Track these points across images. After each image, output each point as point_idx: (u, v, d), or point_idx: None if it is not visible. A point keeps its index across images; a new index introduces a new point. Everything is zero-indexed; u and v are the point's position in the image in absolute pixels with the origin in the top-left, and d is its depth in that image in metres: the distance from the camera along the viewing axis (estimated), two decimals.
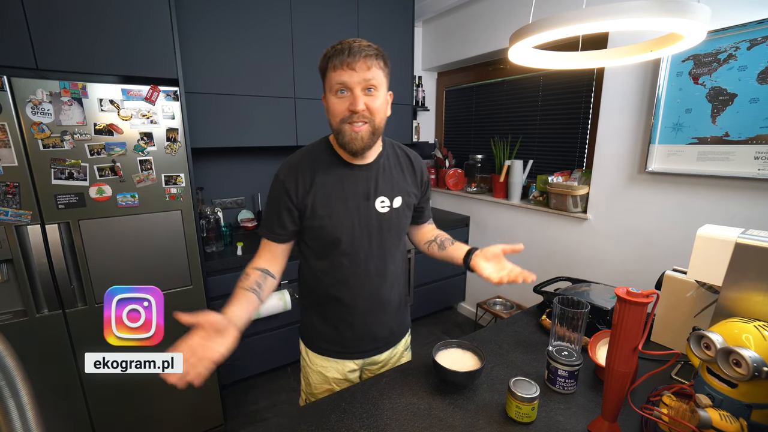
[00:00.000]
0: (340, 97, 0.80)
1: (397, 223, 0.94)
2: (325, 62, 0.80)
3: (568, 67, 0.97)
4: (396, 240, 0.96)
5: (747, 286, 0.70)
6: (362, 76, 0.78)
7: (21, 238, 1.28)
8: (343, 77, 0.78)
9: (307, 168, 0.88)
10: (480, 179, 2.71)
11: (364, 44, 0.79)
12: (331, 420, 0.77)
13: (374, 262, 0.93)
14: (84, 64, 1.35)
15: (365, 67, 0.78)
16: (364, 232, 0.90)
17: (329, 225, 0.87)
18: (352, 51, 0.77)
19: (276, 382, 2.14)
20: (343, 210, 0.88)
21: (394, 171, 0.94)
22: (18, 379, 0.33)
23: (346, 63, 0.77)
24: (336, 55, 0.78)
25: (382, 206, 0.91)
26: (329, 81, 0.81)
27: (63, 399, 1.44)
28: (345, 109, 0.80)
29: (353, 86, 0.78)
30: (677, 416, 0.59)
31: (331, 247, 0.90)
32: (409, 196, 0.96)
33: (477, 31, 2.46)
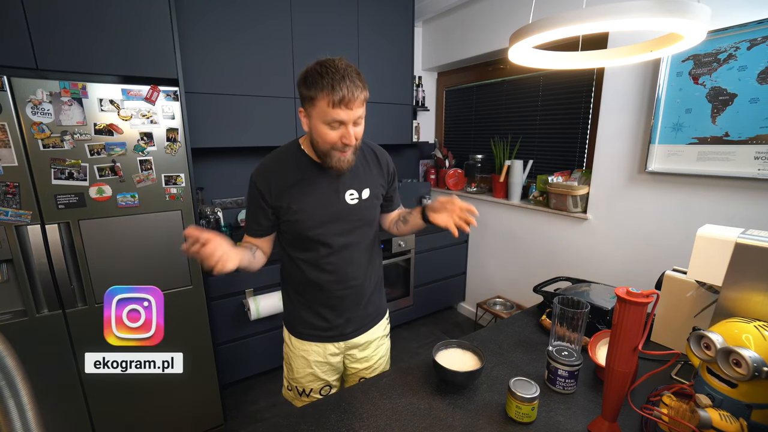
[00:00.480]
0: (334, 128, 0.85)
1: (366, 213, 1.01)
2: (314, 92, 0.82)
3: (568, 67, 0.97)
4: (367, 228, 1.04)
5: (747, 286, 0.70)
6: (357, 113, 0.84)
7: (21, 238, 1.28)
8: (341, 116, 0.82)
9: (280, 170, 0.95)
10: (480, 179, 2.71)
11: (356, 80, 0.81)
12: (331, 420, 0.77)
13: (348, 250, 1.00)
14: (84, 64, 1.35)
15: (359, 105, 0.83)
16: (336, 223, 0.97)
17: (304, 219, 0.94)
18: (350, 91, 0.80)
19: (276, 382, 2.14)
20: (316, 205, 0.95)
21: (361, 167, 1.01)
22: (18, 379, 0.33)
23: (344, 103, 0.81)
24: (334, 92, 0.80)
25: (351, 198, 0.98)
26: (321, 113, 0.83)
27: (63, 399, 1.44)
28: (337, 140, 0.86)
29: (348, 122, 0.84)
30: (677, 416, 0.59)
31: (308, 238, 0.97)
32: (376, 187, 1.03)
33: (477, 31, 2.46)
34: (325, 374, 1.08)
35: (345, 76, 0.80)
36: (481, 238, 2.70)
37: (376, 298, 1.12)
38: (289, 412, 0.80)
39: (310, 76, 0.82)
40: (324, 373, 1.08)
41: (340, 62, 0.83)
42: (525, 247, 2.38)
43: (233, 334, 1.95)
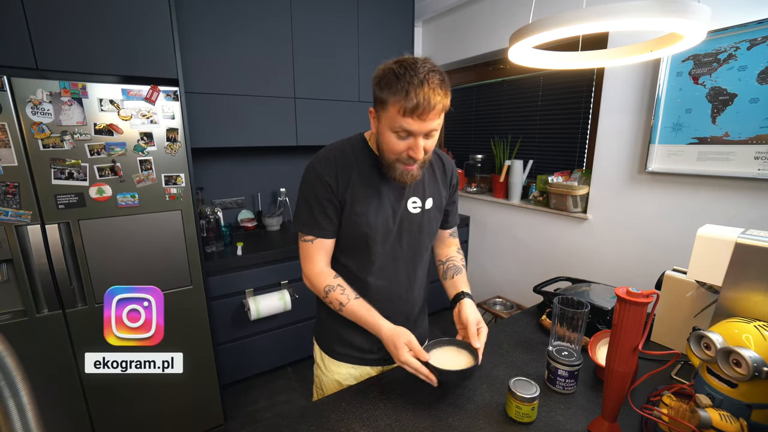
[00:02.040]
0: (401, 137, 0.76)
1: (428, 224, 0.93)
2: (387, 95, 0.73)
3: (568, 67, 0.97)
4: (427, 242, 0.95)
5: (747, 286, 0.70)
6: (430, 125, 0.74)
7: (21, 238, 1.28)
8: (412, 126, 0.73)
9: (345, 163, 0.86)
10: (480, 179, 2.71)
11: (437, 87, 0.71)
12: (331, 420, 0.77)
13: (404, 264, 0.93)
14: (84, 64, 1.35)
15: (436, 116, 0.73)
16: (396, 232, 0.89)
17: (364, 222, 0.85)
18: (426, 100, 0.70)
19: (276, 382, 2.14)
20: (377, 207, 0.86)
21: (427, 174, 0.93)
22: (18, 379, 0.33)
23: (417, 114, 0.71)
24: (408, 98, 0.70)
25: (414, 207, 0.90)
26: (390, 119, 0.74)
27: (63, 399, 1.44)
28: (403, 151, 0.77)
29: (418, 134, 0.74)
30: (677, 416, 0.59)
31: (363, 244, 0.88)
32: (440, 197, 0.95)
33: (477, 31, 2.46)
34: None
35: (424, 82, 0.70)
36: (481, 238, 2.70)
37: (423, 320, 1.04)
38: (289, 412, 0.80)
39: (386, 76, 0.73)
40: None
41: (423, 64, 0.72)
42: (525, 247, 2.38)
43: (233, 334, 1.95)
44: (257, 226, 2.34)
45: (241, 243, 1.98)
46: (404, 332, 0.81)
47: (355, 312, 0.86)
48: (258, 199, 2.42)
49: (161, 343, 0.92)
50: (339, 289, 0.87)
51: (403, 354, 0.78)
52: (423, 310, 1.04)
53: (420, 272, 0.97)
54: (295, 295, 2.01)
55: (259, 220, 2.36)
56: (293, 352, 2.18)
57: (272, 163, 2.43)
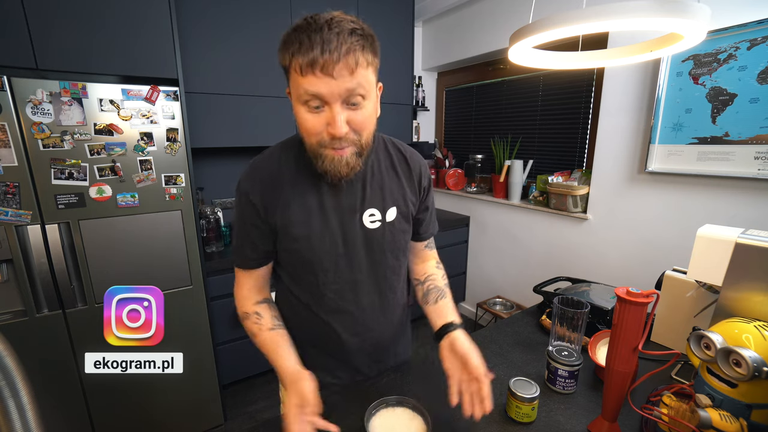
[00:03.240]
0: (314, 111, 0.58)
1: (392, 241, 0.75)
2: (286, 56, 0.57)
3: (568, 67, 0.97)
4: (393, 261, 0.78)
5: (747, 286, 0.70)
6: (344, 85, 0.55)
7: (21, 238, 1.28)
8: (317, 87, 0.55)
9: (275, 177, 0.69)
10: (480, 179, 2.71)
11: (346, 27, 0.55)
12: (331, 420, 0.76)
13: (366, 292, 0.77)
14: (84, 64, 1.35)
15: (347, 72, 0.55)
16: (350, 255, 0.73)
17: (306, 248, 0.70)
18: (328, 46, 0.53)
19: (276, 382, 2.12)
20: (323, 229, 0.70)
21: (386, 175, 0.75)
22: (18, 379, 0.33)
23: (319, 66, 0.53)
24: (303, 50, 0.54)
25: (371, 221, 0.73)
26: (295, 85, 0.58)
27: (63, 399, 1.44)
28: (322, 130, 0.59)
29: (331, 100, 0.57)
30: (677, 416, 0.59)
31: (310, 273, 0.73)
32: (405, 205, 0.76)
33: (477, 31, 2.46)
34: None
35: (324, 27, 0.53)
36: (481, 238, 2.70)
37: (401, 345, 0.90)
38: None
39: (286, 35, 0.57)
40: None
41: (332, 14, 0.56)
42: (525, 247, 2.38)
43: (233, 334, 1.95)
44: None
45: None
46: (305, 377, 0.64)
47: (264, 346, 0.72)
48: None
49: (161, 343, 0.92)
50: (255, 317, 0.74)
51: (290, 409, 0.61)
52: (401, 333, 0.90)
53: (389, 299, 0.81)
54: None
55: None
56: None
57: None
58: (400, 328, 0.89)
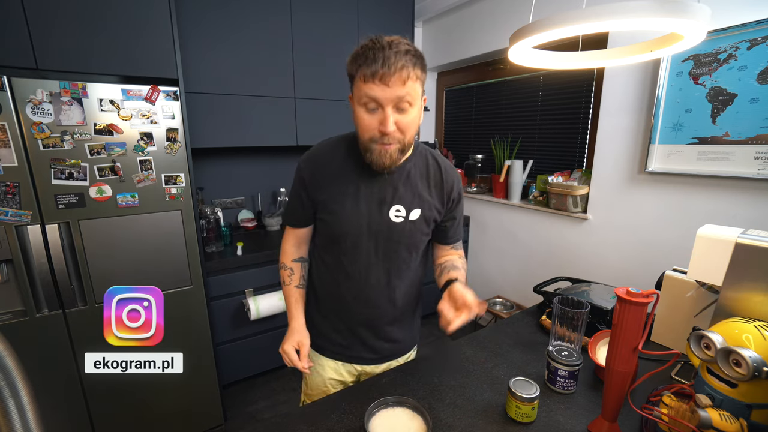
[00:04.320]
0: (370, 111, 0.73)
1: (410, 236, 0.86)
2: (354, 68, 0.72)
3: (568, 67, 0.97)
4: (406, 254, 0.89)
5: (747, 286, 0.70)
6: (396, 93, 0.69)
7: (21, 238, 1.28)
8: (375, 92, 0.69)
9: (327, 161, 0.85)
10: (480, 179, 2.71)
11: (402, 49, 0.69)
12: (331, 420, 0.77)
13: (376, 272, 0.88)
14: (84, 64, 1.35)
15: (400, 82, 0.69)
16: (370, 238, 0.85)
17: (336, 222, 0.85)
18: (387, 62, 0.67)
19: (276, 382, 2.14)
20: (353, 210, 0.83)
21: (419, 181, 0.87)
22: (18, 379, 0.33)
23: (378, 76, 0.68)
24: (367, 63, 0.69)
25: (396, 215, 0.84)
26: (357, 90, 0.73)
27: (63, 399, 1.44)
28: (374, 128, 0.73)
29: (385, 103, 0.71)
30: (677, 416, 0.59)
31: (335, 244, 0.87)
32: (430, 210, 0.87)
33: (477, 31, 2.46)
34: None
35: (386, 47, 0.68)
36: (481, 238, 2.70)
37: (404, 330, 0.98)
38: (289, 412, 0.80)
39: (355, 52, 0.73)
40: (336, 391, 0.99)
41: (392, 38, 0.71)
42: (525, 247, 2.38)
43: (233, 334, 1.95)
44: (257, 226, 2.34)
45: (241, 243, 1.98)
46: (304, 335, 0.91)
47: (288, 296, 0.95)
48: (258, 199, 2.42)
49: (161, 343, 0.92)
50: (289, 270, 0.96)
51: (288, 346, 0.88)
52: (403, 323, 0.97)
53: (396, 284, 0.90)
54: None
55: (259, 220, 2.36)
56: None
57: (272, 163, 2.43)
58: (403, 316, 0.97)
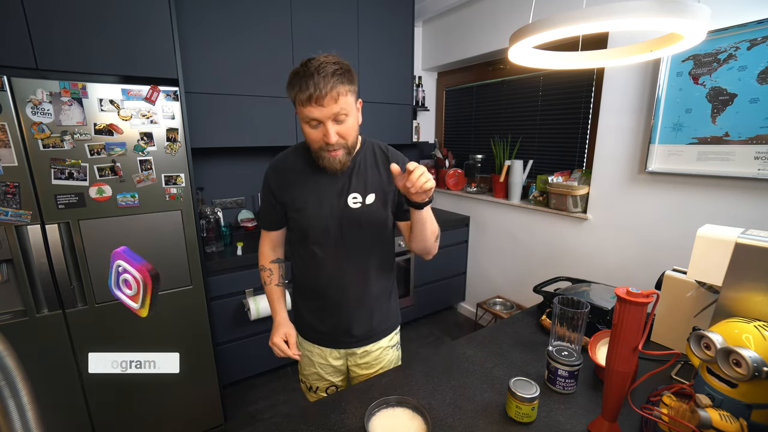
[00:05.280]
0: (314, 127, 0.84)
1: (370, 219, 0.96)
2: (292, 94, 0.83)
3: (568, 67, 0.97)
4: (373, 236, 0.98)
5: (747, 286, 0.70)
6: (331, 110, 0.80)
7: (21, 238, 1.28)
8: (314, 113, 0.80)
9: (289, 167, 0.98)
10: (480, 179, 2.71)
11: (330, 70, 0.78)
12: (331, 420, 0.77)
13: (347, 257, 0.97)
14: (84, 64, 1.35)
15: (332, 101, 0.79)
16: (336, 226, 0.95)
17: (303, 217, 0.95)
18: (317, 86, 0.77)
19: (276, 382, 2.14)
20: (315, 204, 0.94)
21: (370, 169, 0.97)
22: (18, 379, 0.33)
23: (313, 99, 0.78)
24: (302, 90, 0.79)
25: (354, 202, 0.95)
26: (300, 112, 0.83)
27: (63, 399, 1.44)
28: (320, 140, 0.85)
29: (324, 120, 0.81)
30: (677, 416, 0.59)
31: (306, 237, 0.97)
32: (384, 192, 0.97)
33: (477, 31, 2.46)
34: (329, 375, 1.08)
35: (315, 72, 0.78)
36: (481, 238, 2.70)
37: (380, 312, 1.05)
38: (289, 412, 0.80)
39: (289, 77, 0.83)
40: (328, 374, 1.08)
41: (318, 59, 0.81)
42: (525, 247, 2.38)
43: (233, 334, 1.95)
44: (257, 226, 2.34)
45: (241, 243, 1.98)
46: (289, 327, 1.02)
47: (269, 294, 1.06)
48: (258, 199, 2.42)
49: (161, 342, 0.92)
50: (268, 272, 1.07)
51: (277, 338, 0.99)
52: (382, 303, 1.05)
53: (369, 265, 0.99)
54: None
55: (259, 220, 2.35)
56: None
57: None
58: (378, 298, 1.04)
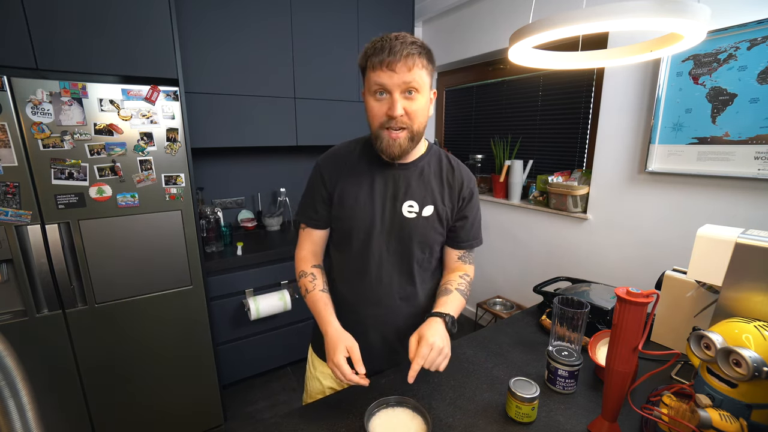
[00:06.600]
0: (379, 99, 0.77)
1: (423, 233, 0.86)
2: (365, 60, 0.77)
3: (568, 67, 0.97)
4: (419, 253, 0.88)
5: (747, 286, 0.70)
6: (402, 78, 0.73)
7: (21, 238, 1.28)
8: (383, 79, 0.74)
9: (346, 159, 0.89)
10: (480, 179, 2.70)
11: (408, 40, 0.74)
12: (331, 420, 0.77)
13: (388, 270, 0.87)
14: (84, 64, 1.35)
15: (406, 69, 0.73)
16: (383, 233, 0.86)
17: (349, 216, 0.86)
18: (392, 50, 0.72)
19: (276, 382, 2.14)
20: (366, 204, 0.85)
21: (433, 178, 0.88)
22: (18, 379, 0.33)
23: (385, 63, 0.72)
24: (376, 53, 0.74)
25: (409, 211, 0.86)
26: (368, 80, 0.77)
27: (63, 399, 1.44)
28: (383, 114, 0.77)
29: (392, 89, 0.74)
30: (677, 416, 0.59)
31: (347, 240, 0.88)
32: (443, 207, 0.88)
33: (477, 31, 2.46)
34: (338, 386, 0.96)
35: (394, 38, 0.74)
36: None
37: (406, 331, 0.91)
38: (289, 413, 0.80)
39: (366, 47, 0.77)
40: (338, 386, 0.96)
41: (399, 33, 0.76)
42: (525, 247, 2.38)
43: (233, 334, 1.95)
44: (257, 226, 2.34)
45: (241, 243, 1.98)
46: (348, 338, 0.78)
47: (315, 302, 0.86)
48: (258, 199, 2.42)
49: (162, 342, 0.91)
50: (310, 276, 0.90)
51: (338, 356, 0.74)
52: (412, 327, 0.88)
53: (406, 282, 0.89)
54: (295, 295, 2.01)
55: (259, 220, 2.36)
56: (293, 352, 2.18)
57: (272, 163, 2.43)
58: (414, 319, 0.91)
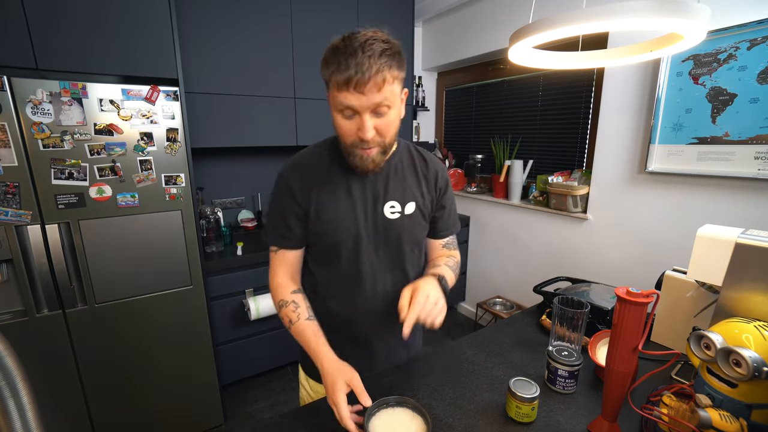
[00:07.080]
0: (347, 117, 0.69)
1: (409, 232, 0.84)
2: (327, 73, 0.67)
3: (568, 67, 0.97)
4: (410, 252, 0.86)
5: (747, 286, 0.70)
6: (372, 100, 0.65)
7: (21, 238, 1.28)
8: (350, 101, 0.65)
9: (315, 168, 0.81)
10: (480, 179, 2.71)
11: (377, 50, 0.63)
12: (331, 420, 0.76)
13: (382, 276, 0.84)
14: (84, 64, 1.35)
15: (376, 89, 0.64)
16: (370, 240, 0.81)
17: (332, 230, 0.80)
18: (360, 68, 0.62)
19: (276, 382, 2.14)
20: (348, 214, 0.80)
21: (408, 174, 0.85)
22: (18, 379, 0.33)
23: (353, 84, 0.63)
24: (340, 70, 0.63)
25: (392, 212, 0.82)
26: (332, 97, 0.68)
27: (63, 399, 1.44)
28: (353, 133, 0.70)
29: (361, 111, 0.67)
30: (677, 416, 0.59)
31: (334, 254, 0.82)
32: (423, 202, 0.85)
33: (477, 31, 2.46)
34: None
35: (359, 49, 0.62)
36: (481, 238, 2.70)
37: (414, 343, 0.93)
38: (289, 413, 0.80)
39: (326, 53, 0.67)
40: None
41: (365, 33, 0.65)
42: (525, 247, 2.38)
43: (233, 334, 1.95)
44: (257, 226, 2.34)
45: (241, 243, 1.98)
46: (347, 370, 0.70)
47: (302, 333, 0.78)
48: (258, 199, 2.42)
49: (162, 342, 0.91)
50: (292, 305, 0.81)
51: (338, 395, 0.66)
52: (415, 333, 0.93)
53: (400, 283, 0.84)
54: None
55: (259, 220, 2.36)
56: (293, 352, 2.18)
57: (272, 163, 2.43)
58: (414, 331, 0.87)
